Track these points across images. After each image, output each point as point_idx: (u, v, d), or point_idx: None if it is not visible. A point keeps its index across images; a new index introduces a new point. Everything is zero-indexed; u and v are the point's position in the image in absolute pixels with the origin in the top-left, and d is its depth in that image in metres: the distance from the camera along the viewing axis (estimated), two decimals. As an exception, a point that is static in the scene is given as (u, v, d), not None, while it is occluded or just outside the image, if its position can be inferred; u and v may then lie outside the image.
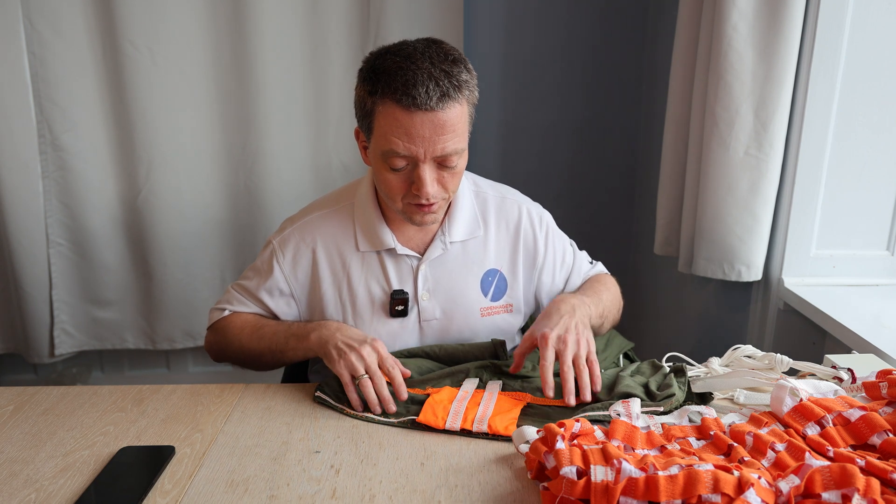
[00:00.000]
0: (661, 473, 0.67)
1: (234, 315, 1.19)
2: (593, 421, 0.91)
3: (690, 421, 0.88)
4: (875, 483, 0.65)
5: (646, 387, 0.98)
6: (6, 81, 1.96)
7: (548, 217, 1.23)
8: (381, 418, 0.96)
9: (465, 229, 1.16)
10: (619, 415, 0.89)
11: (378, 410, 0.97)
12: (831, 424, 0.80)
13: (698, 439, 0.83)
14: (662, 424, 0.87)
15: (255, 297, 1.18)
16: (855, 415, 0.80)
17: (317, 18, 2.03)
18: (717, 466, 0.67)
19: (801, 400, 0.84)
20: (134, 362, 2.45)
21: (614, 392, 0.97)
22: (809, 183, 1.40)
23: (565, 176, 2.37)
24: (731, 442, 0.79)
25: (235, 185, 2.16)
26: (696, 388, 1.00)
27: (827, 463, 0.67)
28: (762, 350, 1.09)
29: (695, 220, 1.57)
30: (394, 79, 0.95)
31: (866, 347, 1.16)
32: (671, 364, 1.06)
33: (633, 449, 0.79)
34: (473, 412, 0.95)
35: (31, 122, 2.01)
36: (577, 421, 0.82)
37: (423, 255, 1.14)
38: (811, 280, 1.45)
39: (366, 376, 0.99)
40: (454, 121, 0.97)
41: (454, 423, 0.93)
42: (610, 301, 1.19)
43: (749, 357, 1.08)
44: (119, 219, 2.15)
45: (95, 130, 2.06)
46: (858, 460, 0.72)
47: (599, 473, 0.69)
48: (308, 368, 1.30)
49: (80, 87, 2.01)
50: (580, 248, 1.29)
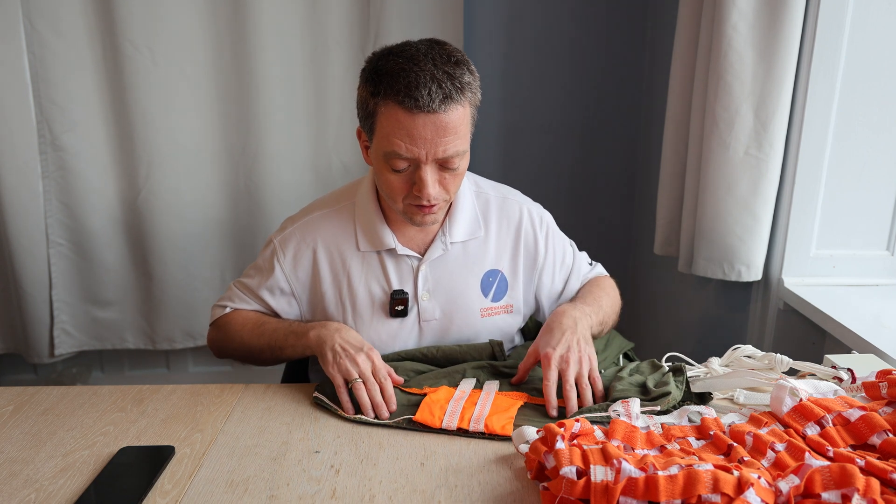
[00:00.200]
0: (660, 473, 0.67)
1: (235, 312, 1.20)
2: (593, 421, 0.91)
3: (690, 421, 0.88)
4: (875, 483, 0.65)
5: (643, 385, 0.98)
6: (6, 81, 1.96)
7: (548, 217, 1.23)
8: (376, 420, 0.96)
9: (466, 230, 1.16)
10: (618, 415, 0.89)
11: (371, 415, 0.97)
12: (831, 424, 0.80)
13: (698, 439, 0.83)
14: (662, 424, 0.87)
15: (256, 296, 1.18)
16: (855, 415, 0.80)
17: (317, 18, 2.03)
18: (716, 466, 0.67)
19: (800, 400, 0.84)
20: (134, 362, 2.45)
21: (609, 398, 0.97)
22: (809, 183, 1.40)
23: (565, 176, 2.37)
24: (730, 442, 0.79)
25: (235, 184, 2.16)
26: (696, 388, 1.00)
27: (827, 463, 0.67)
28: (762, 350, 1.09)
29: (695, 220, 1.57)
30: (397, 80, 0.95)
31: (866, 347, 1.16)
32: (671, 364, 1.06)
33: (633, 449, 0.79)
34: (470, 412, 0.95)
35: (31, 122, 2.01)
36: (577, 421, 0.82)
37: (423, 255, 1.14)
38: (811, 280, 1.45)
39: (359, 380, 0.99)
40: (456, 123, 0.97)
41: (451, 422, 0.93)
42: (609, 307, 1.20)
43: (749, 357, 1.08)
44: (119, 219, 2.15)
45: (95, 130, 2.05)
46: (858, 460, 0.72)
47: (599, 473, 0.69)
48: (308, 368, 1.30)
49: (80, 87, 2.01)
50: (580, 249, 1.29)
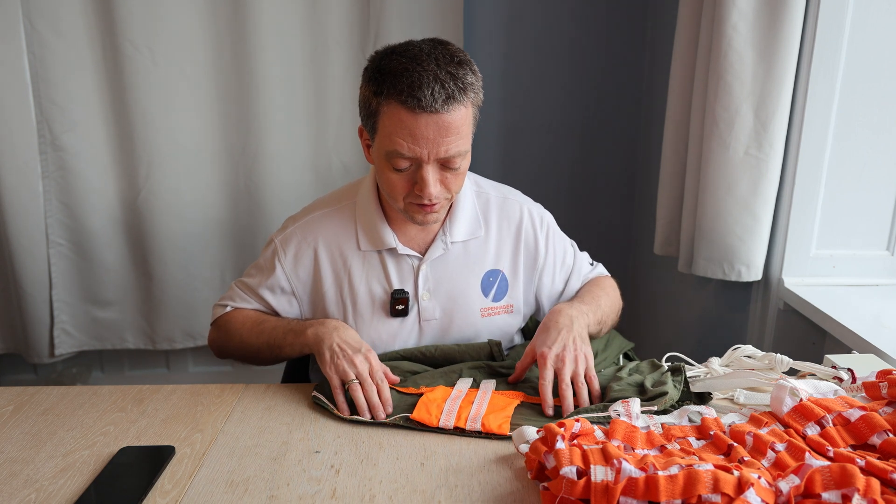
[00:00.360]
0: (661, 473, 0.67)
1: (236, 311, 1.20)
2: (593, 421, 0.91)
3: (690, 421, 0.88)
4: (875, 483, 0.65)
5: (641, 385, 0.98)
6: (6, 81, 1.96)
7: (549, 218, 1.23)
8: (372, 420, 0.96)
9: (467, 229, 1.16)
10: (618, 415, 0.89)
11: (367, 416, 0.97)
12: (831, 424, 0.80)
13: (698, 439, 0.83)
14: (662, 424, 0.87)
15: (256, 295, 1.18)
16: (855, 415, 0.80)
17: (317, 18, 2.03)
18: (717, 466, 0.67)
19: (801, 400, 0.84)
20: (134, 362, 2.45)
21: (606, 399, 0.97)
22: (809, 183, 1.40)
23: (565, 176, 2.37)
24: (731, 442, 0.79)
25: (235, 184, 2.16)
26: (696, 388, 1.00)
27: (827, 463, 0.67)
28: (762, 350, 1.09)
29: (695, 220, 1.57)
30: (399, 80, 0.95)
31: (866, 347, 1.16)
32: (670, 364, 1.06)
33: (633, 449, 0.79)
34: (467, 411, 0.95)
35: (31, 122, 2.00)
36: (577, 421, 0.82)
37: (424, 254, 1.14)
38: (811, 280, 1.45)
39: (356, 381, 0.99)
40: (458, 123, 0.98)
41: (448, 421, 0.93)
42: (608, 306, 1.20)
43: (749, 357, 1.08)
44: (119, 219, 2.15)
45: (95, 130, 2.05)
46: (858, 460, 0.72)
47: (599, 473, 0.69)
48: (308, 368, 1.30)
49: (80, 87, 2.01)
50: (580, 249, 1.29)
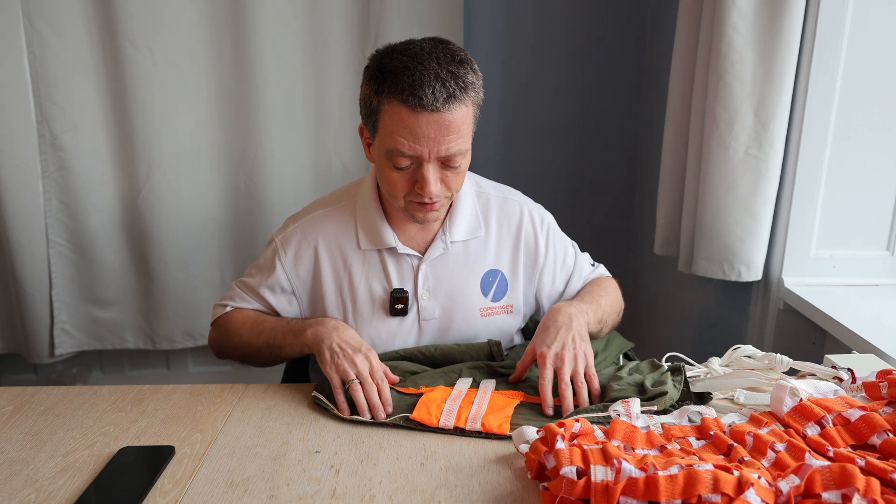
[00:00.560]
0: (661, 473, 0.67)
1: (236, 311, 1.20)
2: (593, 421, 0.91)
3: (690, 421, 0.88)
4: (875, 483, 0.65)
5: (640, 385, 0.98)
6: (6, 81, 1.96)
7: (549, 218, 1.23)
8: (372, 420, 0.96)
9: (467, 229, 1.16)
10: (618, 414, 0.89)
11: (367, 416, 0.97)
12: (831, 424, 0.80)
13: (698, 439, 0.83)
14: (662, 424, 0.87)
15: (257, 294, 1.18)
16: (855, 415, 0.80)
17: (317, 18, 2.03)
18: (717, 466, 0.67)
19: (800, 400, 0.84)
20: (134, 362, 2.45)
21: (606, 399, 0.97)
22: (809, 183, 1.40)
23: (565, 176, 2.36)
24: (731, 442, 0.79)
25: (235, 185, 2.16)
26: (696, 388, 1.00)
27: (827, 463, 0.67)
28: (762, 350, 1.09)
29: (695, 220, 1.57)
30: (400, 79, 0.95)
31: (866, 347, 1.16)
32: (670, 364, 1.06)
33: (633, 449, 0.79)
34: (467, 411, 0.95)
35: (31, 122, 2.00)
36: (577, 421, 0.82)
37: (423, 254, 1.15)
38: (811, 280, 1.45)
39: (356, 381, 0.99)
40: (459, 122, 0.98)
41: (447, 421, 0.93)
42: (609, 306, 1.19)
43: (749, 357, 1.08)
44: (119, 219, 2.15)
45: (95, 130, 2.05)
46: (858, 460, 0.72)
47: (599, 473, 0.69)
48: (308, 368, 1.30)
49: (80, 87, 2.01)
50: (580, 250, 1.29)
